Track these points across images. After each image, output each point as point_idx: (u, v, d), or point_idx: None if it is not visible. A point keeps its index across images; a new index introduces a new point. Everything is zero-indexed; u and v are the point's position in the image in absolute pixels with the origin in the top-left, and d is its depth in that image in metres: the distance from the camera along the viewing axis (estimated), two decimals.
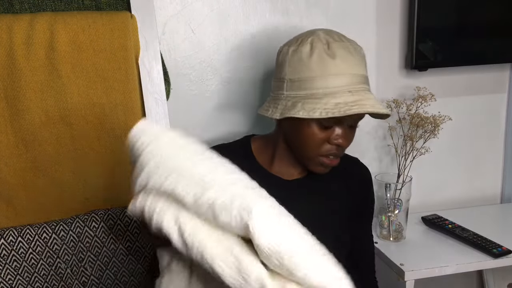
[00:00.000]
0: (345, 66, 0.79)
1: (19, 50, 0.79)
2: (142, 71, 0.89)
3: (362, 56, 0.83)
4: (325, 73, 0.78)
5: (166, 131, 0.71)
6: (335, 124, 0.81)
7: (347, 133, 0.83)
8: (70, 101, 0.84)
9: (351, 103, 0.76)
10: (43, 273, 0.89)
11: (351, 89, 0.78)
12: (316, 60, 0.79)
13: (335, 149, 0.83)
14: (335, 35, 0.83)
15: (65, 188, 0.88)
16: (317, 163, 0.85)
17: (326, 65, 0.78)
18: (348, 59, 0.79)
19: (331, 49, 0.79)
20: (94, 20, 0.83)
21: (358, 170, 0.99)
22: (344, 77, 0.78)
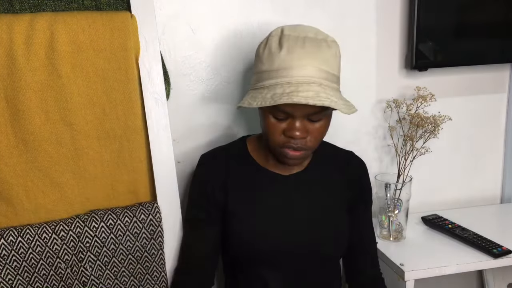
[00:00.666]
0: (290, 59, 0.78)
1: (19, 50, 0.79)
2: (142, 71, 0.89)
3: (321, 49, 0.80)
4: (272, 66, 0.80)
5: None
6: (289, 116, 0.82)
7: (307, 127, 0.83)
8: (70, 101, 0.84)
9: (285, 94, 0.76)
10: (43, 273, 0.89)
11: (292, 81, 0.78)
12: (267, 55, 0.81)
13: (292, 141, 0.83)
14: (297, 28, 0.83)
15: (65, 188, 0.88)
16: (280, 154, 0.86)
17: (274, 59, 0.80)
18: (295, 51, 0.78)
19: (280, 43, 0.80)
20: (94, 20, 0.83)
21: (353, 163, 1.01)
22: (287, 70, 0.78)
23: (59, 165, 0.87)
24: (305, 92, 0.76)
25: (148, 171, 0.94)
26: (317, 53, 0.79)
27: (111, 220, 0.90)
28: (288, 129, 0.82)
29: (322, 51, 0.80)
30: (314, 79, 0.78)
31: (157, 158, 0.93)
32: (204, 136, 1.18)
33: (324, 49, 0.80)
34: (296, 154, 0.85)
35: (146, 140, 0.92)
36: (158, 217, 0.93)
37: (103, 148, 0.89)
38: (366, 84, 1.24)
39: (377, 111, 1.26)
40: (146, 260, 0.95)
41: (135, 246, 0.93)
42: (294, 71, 0.78)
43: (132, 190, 0.93)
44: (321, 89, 0.77)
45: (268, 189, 0.94)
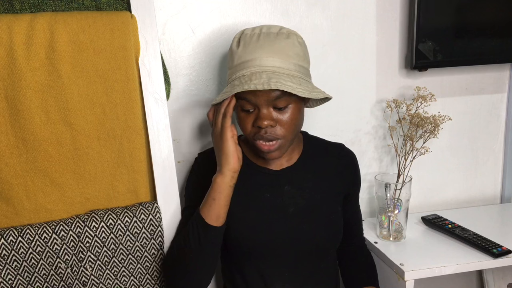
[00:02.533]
0: (245, 53, 0.84)
1: (19, 50, 0.79)
2: (142, 71, 0.89)
3: (277, 42, 0.84)
4: (233, 64, 0.86)
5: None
6: (255, 107, 0.85)
7: (274, 115, 0.85)
8: (70, 101, 0.84)
9: (240, 85, 0.81)
10: (43, 273, 0.89)
11: (248, 72, 0.83)
12: (230, 54, 0.89)
13: (262, 132, 0.85)
14: (258, 28, 0.87)
15: (65, 188, 0.88)
16: (256, 148, 0.89)
17: (234, 56, 0.86)
18: (249, 45, 0.84)
19: (239, 42, 0.87)
20: (94, 20, 0.83)
21: (344, 154, 1.04)
22: (244, 64, 0.84)
23: (59, 165, 0.87)
24: (256, 80, 0.80)
25: (148, 171, 0.94)
26: (272, 44, 0.83)
27: (111, 220, 0.90)
28: (256, 119, 0.85)
29: (277, 42, 0.84)
30: (267, 68, 0.82)
31: (157, 158, 0.93)
32: (204, 136, 1.18)
33: (280, 40, 0.84)
34: (270, 148, 0.87)
35: (146, 140, 0.92)
36: (158, 217, 0.93)
37: (103, 148, 0.89)
38: (366, 84, 1.24)
39: (377, 111, 1.26)
40: (146, 260, 0.95)
41: (135, 246, 0.93)
42: (249, 63, 0.83)
43: (132, 190, 0.93)
44: (273, 76, 0.81)
45: (260, 185, 0.95)
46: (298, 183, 0.96)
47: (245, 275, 0.95)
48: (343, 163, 1.02)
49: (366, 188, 1.30)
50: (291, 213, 0.94)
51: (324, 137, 1.07)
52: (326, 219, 0.96)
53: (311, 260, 0.96)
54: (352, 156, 1.05)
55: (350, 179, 1.04)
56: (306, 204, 0.95)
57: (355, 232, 1.10)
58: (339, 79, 1.22)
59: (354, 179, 1.05)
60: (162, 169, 0.93)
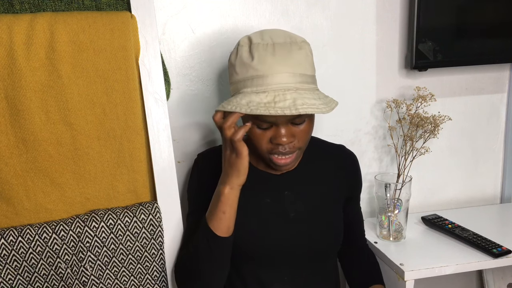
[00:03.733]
0: (263, 68, 0.79)
1: (19, 50, 0.79)
2: (142, 71, 0.89)
3: (292, 53, 0.81)
4: (246, 76, 0.81)
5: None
6: (273, 124, 0.83)
7: (292, 131, 0.83)
8: (70, 101, 0.84)
9: (262, 104, 0.77)
10: (43, 273, 0.89)
11: (268, 89, 0.78)
12: (239, 65, 0.82)
13: (280, 148, 0.84)
14: (264, 35, 0.83)
15: (65, 188, 0.88)
16: (270, 161, 0.88)
17: (247, 68, 0.80)
18: (266, 60, 0.79)
19: (251, 52, 0.81)
20: (94, 20, 0.83)
21: (345, 156, 1.03)
22: (262, 79, 0.79)
23: (59, 165, 0.87)
24: (281, 102, 0.76)
25: (148, 171, 0.94)
26: (289, 58, 0.80)
27: (111, 220, 0.90)
28: (274, 136, 0.83)
29: (293, 55, 0.81)
30: (289, 85, 0.79)
31: (157, 158, 0.93)
32: (204, 136, 1.18)
33: (295, 52, 0.81)
34: (286, 161, 0.86)
35: (146, 140, 0.92)
36: (158, 217, 0.93)
37: (103, 148, 0.89)
38: (366, 84, 1.24)
39: (377, 111, 1.26)
40: (146, 260, 0.95)
41: (135, 246, 0.93)
42: (268, 79, 0.79)
43: (132, 190, 0.93)
44: (297, 96, 0.78)
45: (260, 189, 0.95)
46: (298, 187, 0.96)
47: (244, 279, 0.95)
48: (344, 166, 1.01)
49: (366, 188, 1.30)
50: (292, 218, 0.93)
51: (324, 137, 1.07)
52: (327, 224, 0.96)
53: (311, 264, 0.95)
54: (353, 158, 1.04)
55: (351, 182, 1.03)
56: (307, 209, 0.94)
57: (357, 234, 1.10)
58: (339, 79, 1.22)
59: (355, 181, 1.04)
60: (162, 169, 0.93)
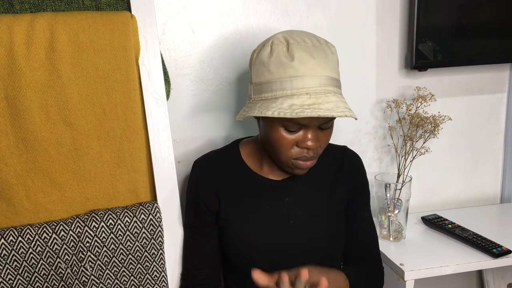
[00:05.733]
0: (304, 69, 0.77)
1: (19, 50, 0.79)
2: (142, 71, 0.89)
3: (327, 57, 0.79)
4: (284, 76, 0.77)
5: None
6: (301, 128, 0.81)
7: (317, 135, 0.82)
8: (70, 101, 0.84)
9: (306, 106, 0.75)
10: (43, 273, 0.89)
11: (310, 91, 0.76)
12: (275, 63, 0.78)
13: (306, 152, 0.83)
14: (297, 36, 0.80)
15: (65, 188, 0.88)
16: (291, 166, 0.85)
17: (285, 68, 0.77)
18: (308, 61, 0.77)
19: (290, 51, 0.78)
20: (94, 20, 0.83)
21: (347, 157, 0.99)
22: (302, 80, 0.76)
23: (59, 165, 0.87)
24: (325, 104, 0.75)
25: (148, 171, 0.94)
26: (326, 61, 0.79)
27: (111, 220, 0.90)
28: (303, 140, 0.81)
29: (329, 59, 0.79)
30: (329, 89, 0.78)
31: (157, 158, 0.93)
32: (204, 136, 1.18)
33: (330, 56, 0.80)
34: (307, 164, 0.85)
35: (146, 140, 0.92)
36: (158, 217, 0.93)
37: (103, 148, 0.89)
38: (366, 84, 1.24)
39: (377, 111, 1.26)
40: (146, 260, 0.95)
41: (135, 246, 0.93)
42: (310, 81, 0.76)
43: (132, 190, 0.93)
44: (337, 99, 0.77)
45: (261, 195, 0.93)
46: (299, 194, 0.93)
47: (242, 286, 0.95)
48: (347, 167, 0.97)
49: None
50: (291, 225, 0.91)
51: None
52: (327, 231, 0.93)
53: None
54: (357, 159, 1.00)
55: (355, 184, 0.98)
56: (307, 216, 0.92)
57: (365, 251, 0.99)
58: None
59: (359, 183, 0.99)
60: (162, 169, 0.93)
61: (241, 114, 0.85)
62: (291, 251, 0.91)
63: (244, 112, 0.84)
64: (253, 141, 0.97)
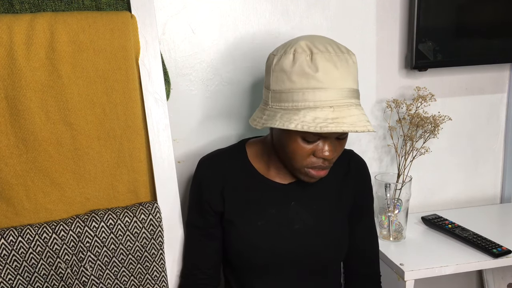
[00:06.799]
0: (327, 81, 0.75)
1: (19, 50, 0.79)
2: (142, 71, 0.89)
3: (350, 67, 0.78)
4: (307, 86, 0.76)
5: None
6: (320, 138, 0.80)
7: (334, 145, 0.82)
8: (70, 101, 0.84)
9: (330, 120, 0.74)
10: (43, 273, 0.89)
11: (333, 104, 0.75)
12: (298, 73, 0.76)
13: (321, 162, 0.82)
14: (320, 44, 0.78)
15: (65, 188, 0.88)
16: (304, 174, 0.85)
17: (308, 78, 0.75)
18: (332, 73, 0.75)
19: (313, 61, 0.76)
20: (94, 20, 0.83)
21: (354, 163, 0.99)
22: (325, 92, 0.75)
23: (59, 165, 0.87)
24: (348, 118, 0.75)
25: (148, 171, 0.94)
26: (349, 72, 0.78)
27: (111, 220, 0.90)
28: (320, 150, 0.81)
29: (351, 69, 0.78)
30: (351, 101, 0.77)
31: (157, 158, 0.93)
32: (204, 136, 1.18)
33: (352, 67, 0.79)
34: (322, 173, 0.85)
35: (146, 140, 0.92)
36: (158, 217, 0.93)
37: (103, 148, 0.89)
38: (366, 84, 1.24)
39: (377, 111, 1.26)
40: (146, 260, 0.95)
41: (135, 246, 0.93)
42: (333, 94, 0.75)
43: (132, 190, 0.93)
44: (359, 112, 0.76)
45: (266, 198, 0.92)
46: (305, 199, 0.93)
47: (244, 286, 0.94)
48: (352, 173, 0.97)
49: None
50: (297, 230, 0.91)
51: None
52: (332, 236, 0.93)
53: (313, 276, 0.93)
54: (363, 164, 1.00)
55: (360, 189, 0.98)
56: (312, 221, 0.92)
57: (366, 258, 1.02)
58: None
59: (363, 189, 1.00)
60: (162, 169, 0.93)
61: (258, 121, 0.83)
62: (295, 255, 0.90)
63: (264, 120, 0.82)
64: (261, 142, 0.96)
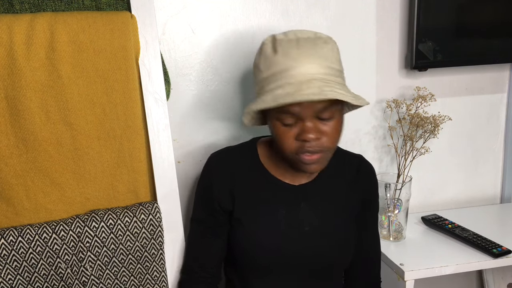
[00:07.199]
0: (287, 60, 0.76)
1: (19, 50, 0.79)
2: (142, 71, 0.89)
3: (317, 48, 0.77)
4: (270, 72, 0.78)
5: None
6: (297, 121, 0.79)
7: (318, 127, 0.79)
8: (70, 101, 0.84)
9: (287, 94, 0.74)
10: (43, 273, 0.89)
11: (292, 81, 0.75)
12: (263, 61, 0.80)
13: (306, 145, 0.79)
14: (290, 32, 0.80)
15: (65, 188, 0.88)
16: (297, 161, 0.83)
17: (271, 63, 0.78)
18: (291, 53, 0.76)
19: (274, 46, 0.79)
20: (94, 20, 0.83)
21: (363, 169, 0.98)
22: (286, 72, 0.76)
23: (59, 165, 0.87)
24: (308, 90, 0.73)
25: (148, 171, 0.94)
26: (314, 50, 0.77)
27: (111, 220, 0.90)
28: (300, 132, 0.79)
29: (319, 48, 0.78)
30: (315, 76, 0.75)
31: (157, 158, 0.93)
32: (204, 136, 1.18)
33: (320, 45, 0.78)
34: (312, 158, 0.81)
35: (146, 140, 0.92)
36: (158, 217, 0.93)
37: (103, 148, 0.89)
38: (366, 84, 1.24)
39: (377, 111, 1.26)
40: (146, 260, 0.95)
41: (135, 246, 0.93)
42: (293, 71, 0.76)
43: (132, 190, 0.93)
44: (324, 84, 0.74)
45: (276, 199, 0.91)
46: (314, 200, 0.92)
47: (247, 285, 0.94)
48: (361, 178, 0.97)
49: None
50: (305, 232, 0.90)
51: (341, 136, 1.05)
52: (339, 239, 0.93)
53: (318, 277, 0.93)
54: (371, 170, 0.99)
55: (367, 195, 0.98)
56: (321, 223, 0.91)
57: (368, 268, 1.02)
58: None
59: (371, 195, 0.99)
60: (162, 169, 0.93)
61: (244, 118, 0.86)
62: (302, 257, 0.90)
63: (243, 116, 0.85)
64: (270, 143, 0.95)
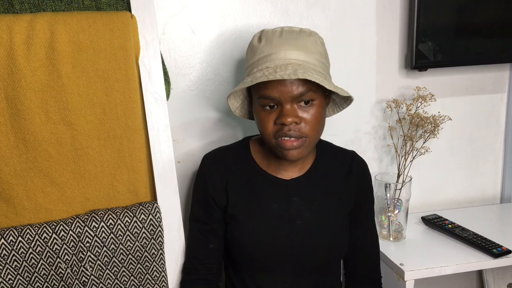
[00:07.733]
0: (269, 48, 0.82)
1: (19, 50, 0.79)
2: (142, 71, 0.89)
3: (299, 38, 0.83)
4: (254, 58, 0.85)
5: None
6: (277, 104, 0.82)
7: (297, 112, 0.81)
8: (70, 101, 0.84)
9: (265, 75, 0.79)
10: (43, 273, 0.89)
11: (270, 65, 0.81)
12: (249, 50, 0.88)
13: (285, 129, 0.81)
14: (278, 27, 0.87)
15: (65, 188, 0.88)
16: (277, 147, 0.85)
17: (255, 51, 0.85)
18: (274, 41, 0.82)
19: (260, 37, 0.86)
20: (94, 20, 0.83)
21: (355, 164, 0.99)
22: (266, 58, 0.82)
23: (59, 165, 0.87)
24: (281, 72, 0.78)
25: (148, 171, 0.94)
26: (295, 39, 0.83)
27: (111, 220, 0.90)
28: (279, 116, 0.82)
29: (300, 38, 0.83)
30: (292, 61, 0.81)
31: (157, 158, 0.93)
32: (204, 136, 1.18)
33: (303, 37, 0.84)
34: (293, 144, 0.82)
35: (146, 140, 0.92)
36: (158, 217, 0.93)
37: (103, 148, 0.89)
38: (366, 84, 1.24)
39: (377, 111, 1.26)
40: (146, 260, 0.95)
41: (135, 246, 0.93)
42: (273, 56, 0.81)
43: (132, 190, 0.93)
44: (299, 67, 0.79)
45: (268, 193, 0.93)
46: (307, 195, 0.93)
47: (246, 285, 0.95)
48: (354, 174, 0.97)
49: None
50: (298, 225, 0.91)
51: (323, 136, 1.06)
52: (332, 233, 0.93)
53: (313, 272, 0.94)
54: (364, 166, 1.00)
55: (360, 190, 0.98)
56: (313, 217, 0.92)
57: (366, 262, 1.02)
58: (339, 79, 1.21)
59: (364, 190, 1.00)
60: (162, 169, 0.94)
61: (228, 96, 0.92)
62: (296, 251, 0.91)
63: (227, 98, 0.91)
64: (261, 140, 0.97)
